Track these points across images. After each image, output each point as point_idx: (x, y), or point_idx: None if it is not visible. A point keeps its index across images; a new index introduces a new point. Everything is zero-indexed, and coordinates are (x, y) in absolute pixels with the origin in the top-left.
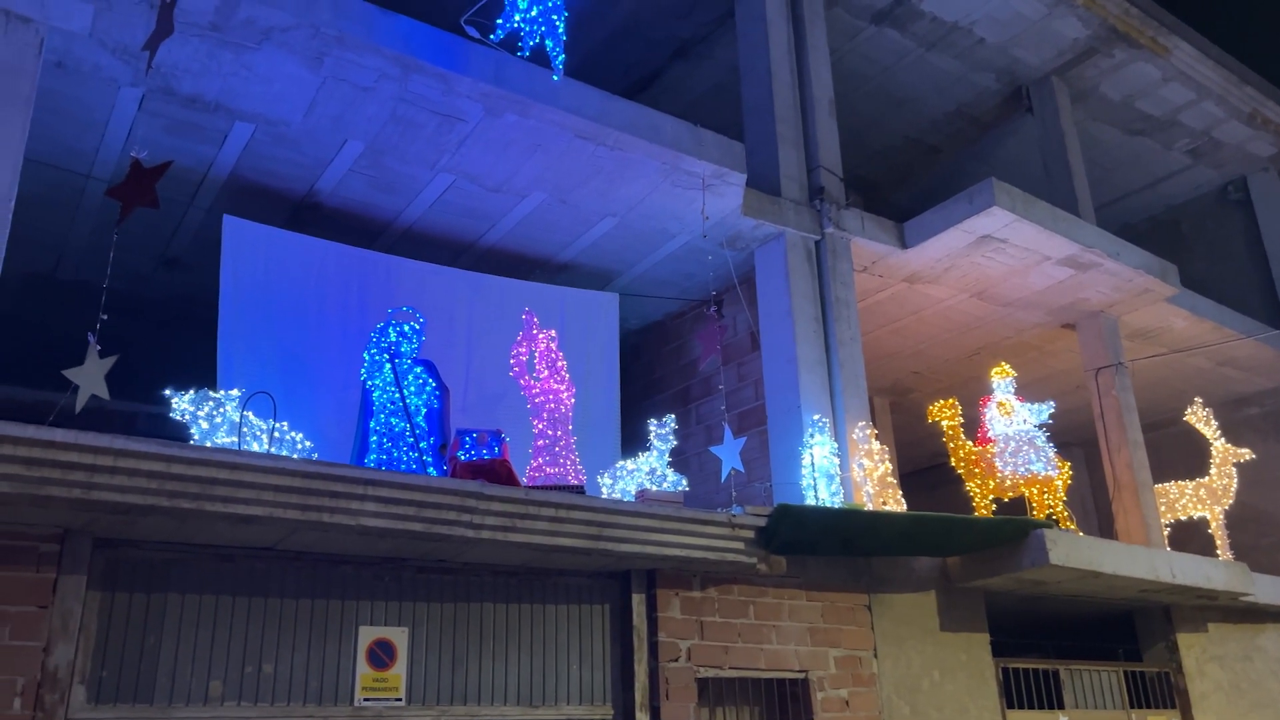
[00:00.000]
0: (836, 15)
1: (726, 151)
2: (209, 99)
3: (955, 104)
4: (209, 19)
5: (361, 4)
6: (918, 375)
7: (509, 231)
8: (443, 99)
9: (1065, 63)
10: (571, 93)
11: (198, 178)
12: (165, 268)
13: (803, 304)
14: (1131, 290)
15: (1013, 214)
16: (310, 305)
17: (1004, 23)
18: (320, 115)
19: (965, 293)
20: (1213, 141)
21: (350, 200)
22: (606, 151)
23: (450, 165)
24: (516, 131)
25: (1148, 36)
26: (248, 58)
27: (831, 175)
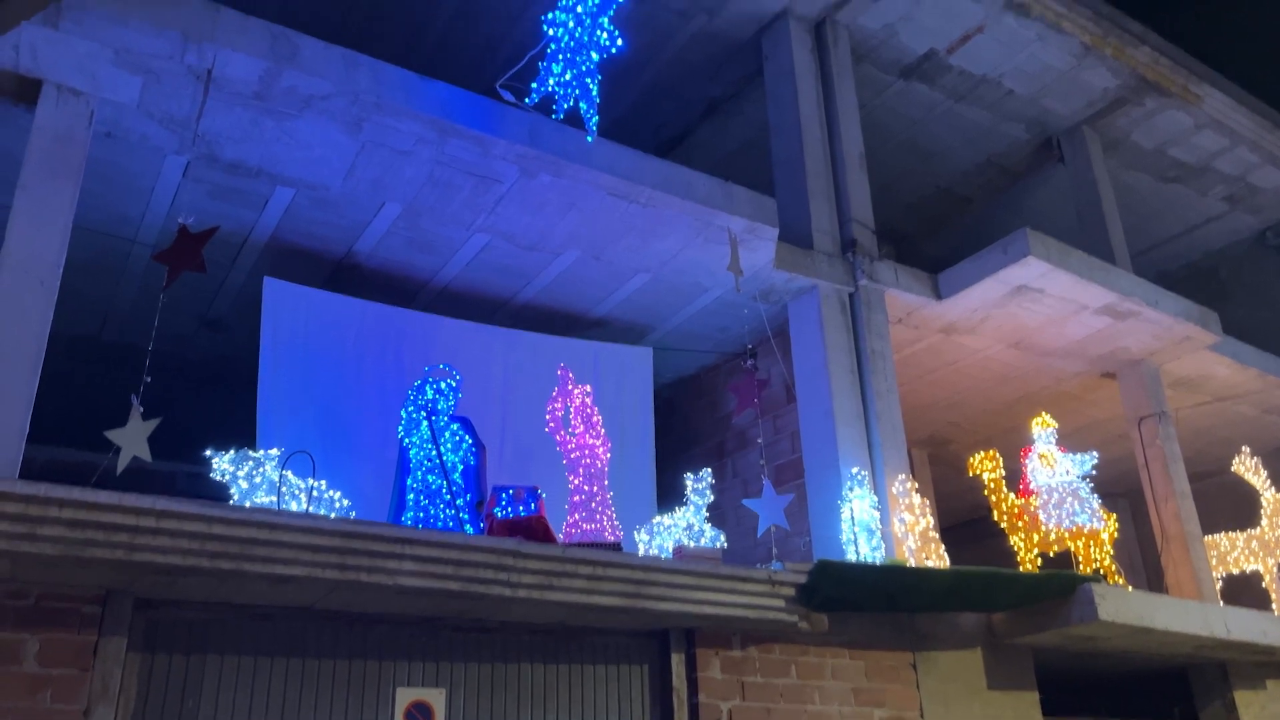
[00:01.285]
0: (864, 71)
1: (758, 206)
2: (251, 165)
3: (986, 155)
4: (253, 89)
5: (399, 71)
6: (956, 426)
7: (543, 288)
8: (479, 161)
9: (1096, 112)
10: (604, 152)
11: (239, 241)
12: (207, 328)
13: (838, 356)
14: (1172, 338)
15: (1048, 263)
16: (348, 364)
17: (1033, 75)
18: (359, 178)
19: (1002, 343)
20: (1249, 187)
21: (388, 260)
22: (639, 209)
23: (486, 225)
24: (551, 191)
25: (1178, 85)
26: (289, 125)
27: (863, 228)
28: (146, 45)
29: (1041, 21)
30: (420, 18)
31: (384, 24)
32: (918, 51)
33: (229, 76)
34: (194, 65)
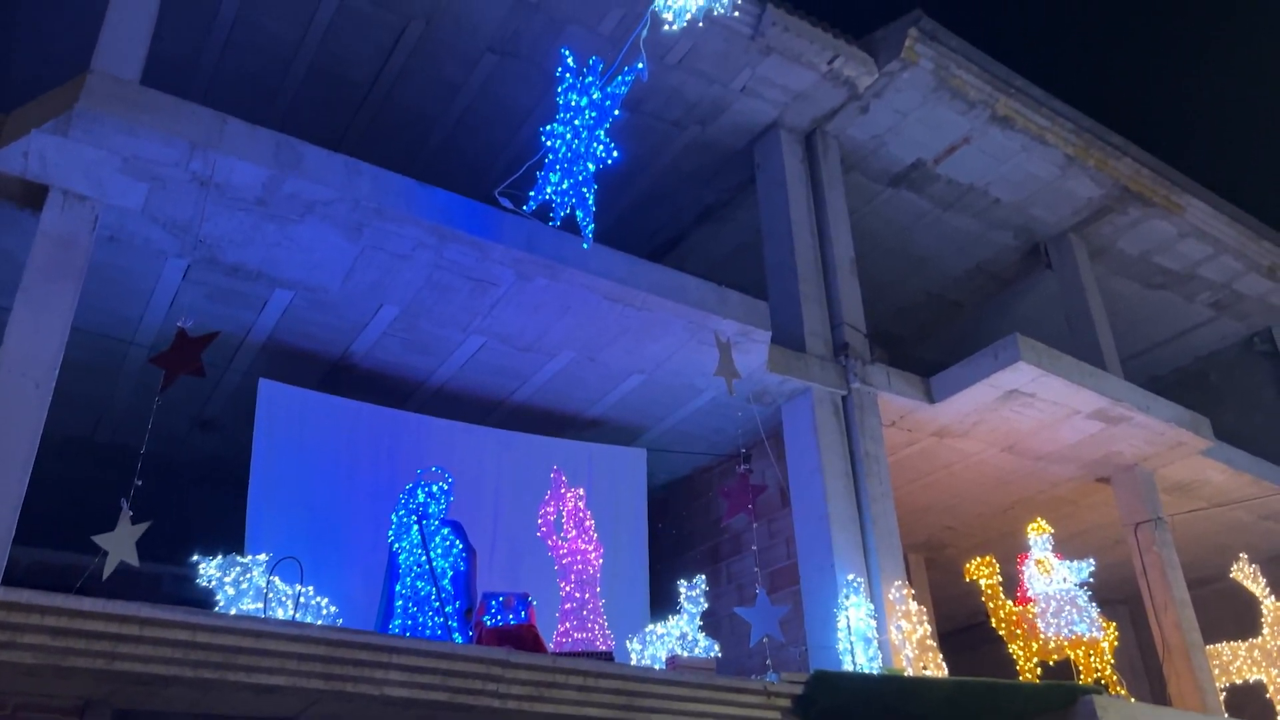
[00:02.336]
0: (854, 179)
1: (751, 310)
2: (252, 268)
3: (975, 261)
4: (256, 195)
5: (401, 179)
6: (952, 531)
7: (538, 389)
8: (477, 265)
9: (1081, 220)
10: (600, 257)
11: (236, 342)
12: (200, 429)
13: (832, 459)
14: (1164, 444)
15: (1039, 368)
16: (341, 466)
17: (1018, 184)
18: (358, 281)
19: (996, 447)
20: (1234, 294)
21: (384, 361)
22: (634, 312)
23: (482, 327)
24: (547, 295)
25: (1161, 195)
26: (291, 229)
27: (855, 331)
28: (154, 153)
29: (1026, 134)
30: (423, 125)
31: (387, 131)
32: (906, 161)
33: (233, 183)
34: (199, 172)
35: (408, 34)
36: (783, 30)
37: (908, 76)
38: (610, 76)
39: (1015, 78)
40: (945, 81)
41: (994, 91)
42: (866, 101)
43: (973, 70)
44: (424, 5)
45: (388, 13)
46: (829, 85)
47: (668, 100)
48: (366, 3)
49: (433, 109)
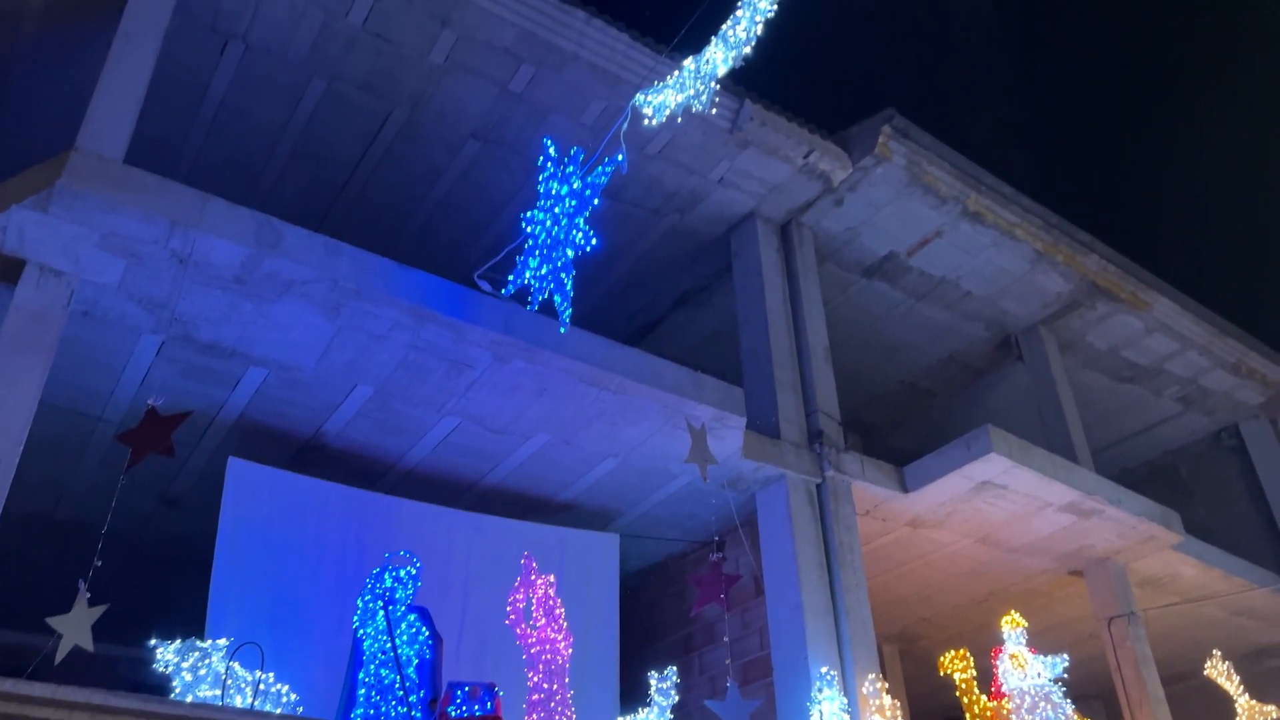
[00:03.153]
0: (828, 269)
1: (726, 396)
2: (226, 345)
3: (947, 351)
4: (234, 273)
5: (380, 260)
6: (926, 622)
7: (511, 471)
8: (453, 346)
9: (1051, 314)
10: (577, 341)
11: (207, 420)
12: (165, 507)
13: (806, 548)
14: (1136, 537)
15: (1010, 460)
16: (308, 548)
17: (989, 277)
18: (333, 361)
19: (969, 538)
20: (1201, 389)
21: (356, 442)
22: (610, 396)
23: (457, 408)
24: (523, 377)
25: (1127, 291)
26: (268, 308)
27: (830, 419)
28: (134, 230)
29: (996, 229)
30: (404, 207)
31: (369, 211)
32: (879, 253)
33: (212, 261)
34: (178, 250)
35: (392, 119)
36: (760, 125)
37: (881, 172)
38: (591, 166)
39: (985, 175)
40: (917, 177)
41: (965, 188)
42: (841, 195)
43: (944, 167)
44: (409, 93)
45: (373, 99)
46: (804, 178)
47: (647, 189)
48: (353, 89)
49: (415, 191)
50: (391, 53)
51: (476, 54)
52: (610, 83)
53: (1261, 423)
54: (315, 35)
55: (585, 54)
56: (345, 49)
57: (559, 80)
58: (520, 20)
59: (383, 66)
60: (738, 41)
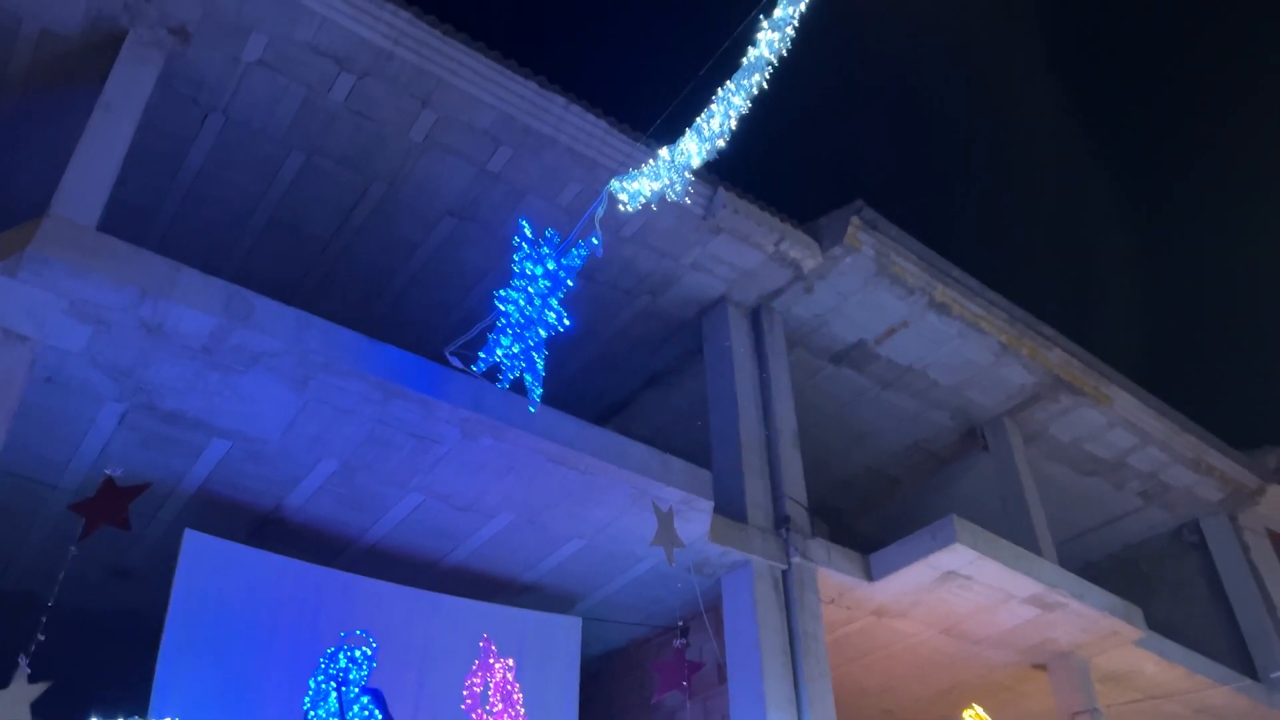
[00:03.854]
0: (798, 355)
1: (694, 479)
2: (190, 416)
3: (914, 439)
4: (202, 343)
5: (350, 334)
6: (890, 715)
7: (474, 550)
8: (421, 422)
9: (1015, 405)
10: (546, 419)
11: (166, 491)
12: (116, 579)
13: (770, 636)
14: (1099, 632)
15: (975, 551)
16: (261, 625)
17: (955, 368)
18: (298, 434)
19: (933, 628)
20: (1161, 484)
21: (317, 516)
22: (578, 476)
23: (422, 485)
24: (491, 455)
25: (1090, 386)
26: (234, 379)
27: (797, 505)
28: (103, 298)
29: (962, 321)
30: (378, 280)
31: (342, 283)
32: (848, 340)
33: (181, 331)
34: (147, 319)
35: (370, 194)
36: (733, 212)
37: (850, 261)
38: (565, 248)
39: (952, 268)
40: (885, 268)
41: (931, 280)
42: (811, 282)
43: (911, 259)
44: (388, 168)
45: (352, 173)
46: (775, 265)
47: (621, 270)
48: (331, 163)
49: (389, 265)
50: (371, 130)
51: (456, 134)
52: (587, 166)
53: (1221, 520)
54: (296, 110)
55: (564, 138)
56: (326, 125)
57: (537, 162)
58: (500, 104)
59: (362, 143)
60: (711, 135)
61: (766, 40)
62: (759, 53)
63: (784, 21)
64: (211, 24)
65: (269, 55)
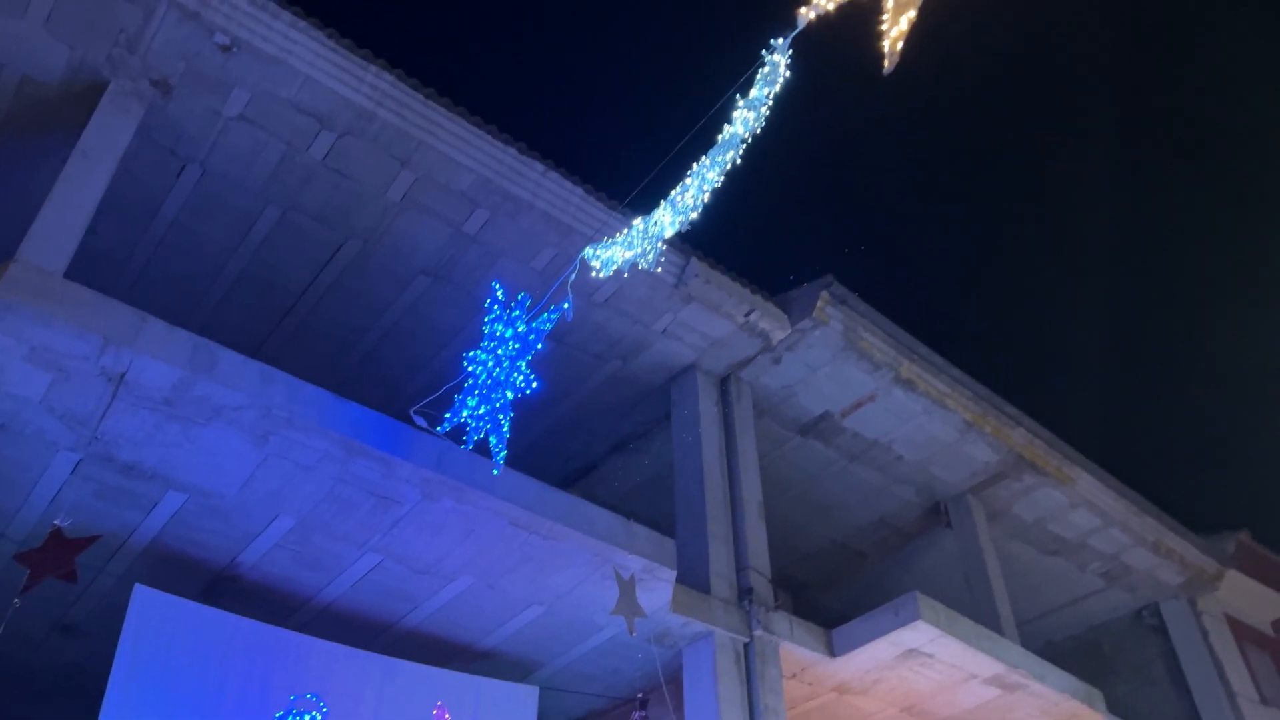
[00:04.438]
0: (765, 425)
1: (658, 547)
2: (147, 467)
3: (878, 514)
4: (164, 395)
5: (315, 390)
6: None
7: (431, 614)
8: (382, 481)
9: (979, 483)
10: (509, 482)
11: (117, 544)
12: (60, 634)
13: (731, 710)
14: (1059, 714)
15: (937, 629)
16: (209, 685)
17: (920, 443)
18: (256, 489)
19: (895, 706)
20: (1122, 566)
21: (271, 574)
22: (540, 540)
23: (380, 545)
24: (452, 516)
25: (1052, 466)
26: (195, 432)
27: (760, 576)
28: (64, 345)
29: (927, 397)
30: (347, 336)
31: (311, 338)
32: (815, 412)
33: (143, 381)
34: (108, 368)
35: (344, 251)
36: (704, 282)
37: (818, 335)
38: (537, 312)
39: (918, 345)
40: (853, 343)
41: (898, 356)
42: (779, 353)
43: (878, 335)
44: (364, 226)
45: (327, 230)
46: (745, 335)
47: (592, 334)
48: (307, 219)
49: (359, 322)
50: (349, 188)
51: (434, 195)
52: (563, 232)
53: (1181, 603)
54: (275, 166)
55: (541, 203)
56: (303, 181)
57: (513, 226)
58: (480, 167)
59: (339, 200)
60: (685, 208)
61: (742, 119)
62: (734, 130)
63: (759, 102)
64: (194, 78)
65: (250, 111)
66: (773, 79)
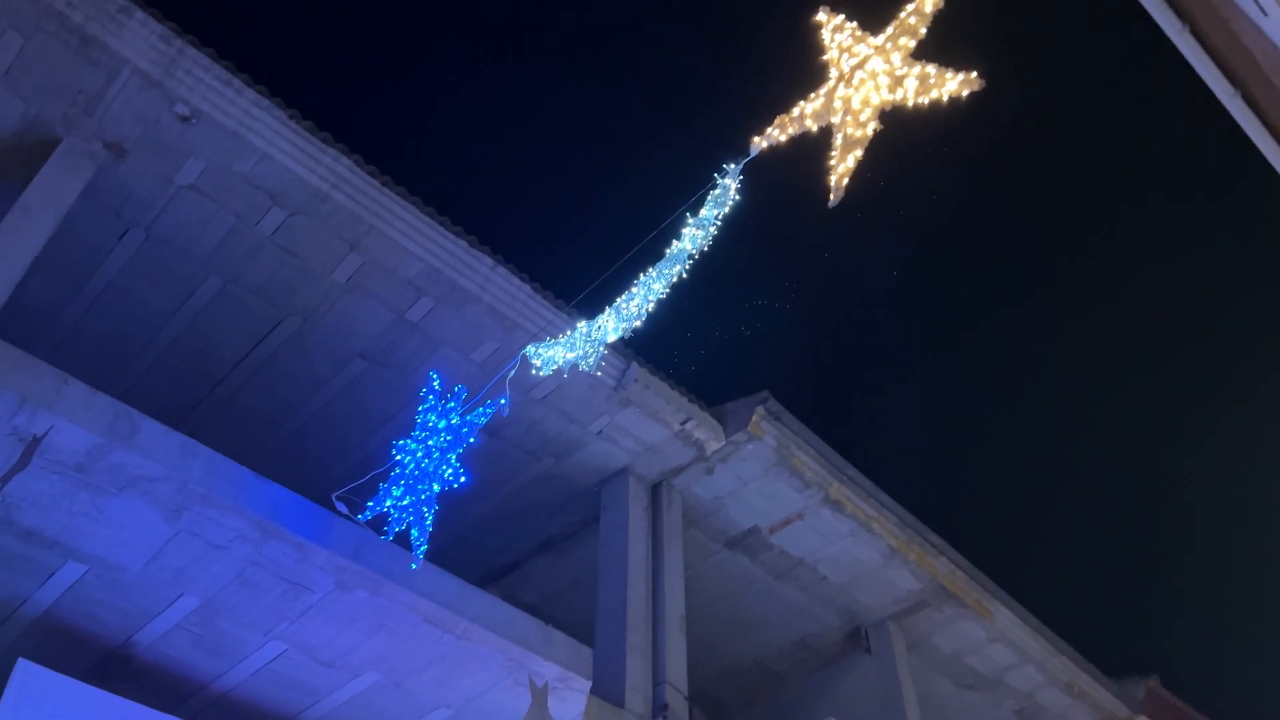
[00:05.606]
0: (693, 535)
1: (575, 656)
2: (48, 535)
3: (800, 634)
4: (77, 460)
5: (236, 467)
6: None
7: (333, 710)
8: (295, 567)
9: (901, 610)
10: (427, 577)
11: (6, 613)
12: None
13: None
14: None
15: None
16: None
17: (845, 565)
18: (163, 566)
19: None
20: (1036, 705)
21: (168, 656)
22: (453, 640)
23: (286, 633)
24: (364, 608)
25: (972, 598)
26: (104, 501)
27: (676, 693)
28: None
29: (854, 520)
30: (277, 413)
31: (240, 411)
32: (743, 526)
33: (56, 445)
34: (21, 428)
35: (283, 327)
36: (644, 387)
37: (751, 448)
38: (473, 405)
39: (849, 467)
40: (785, 459)
41: (828, 475)
42: (713, 464)
43: (810, 453)
44: (305, 305)
45: (268, 305)
46: (680, 443)
47: (526, 431)
48: (248, 292)
49: (291, 399)
50: (295, 265)
51: (380, 280)
52: (507, 327)
53: None
54: (222, 237)
55: (487, 297)
56: (249, 254)
57: (457, 317)
58: (429, 256)
59: (284, 277)
60: (629, 315)
61: (690, 235)
62: (682, 246)
63: (708, 221)
64: (150, 143)
65: (203, 181)
66: (723, 200)
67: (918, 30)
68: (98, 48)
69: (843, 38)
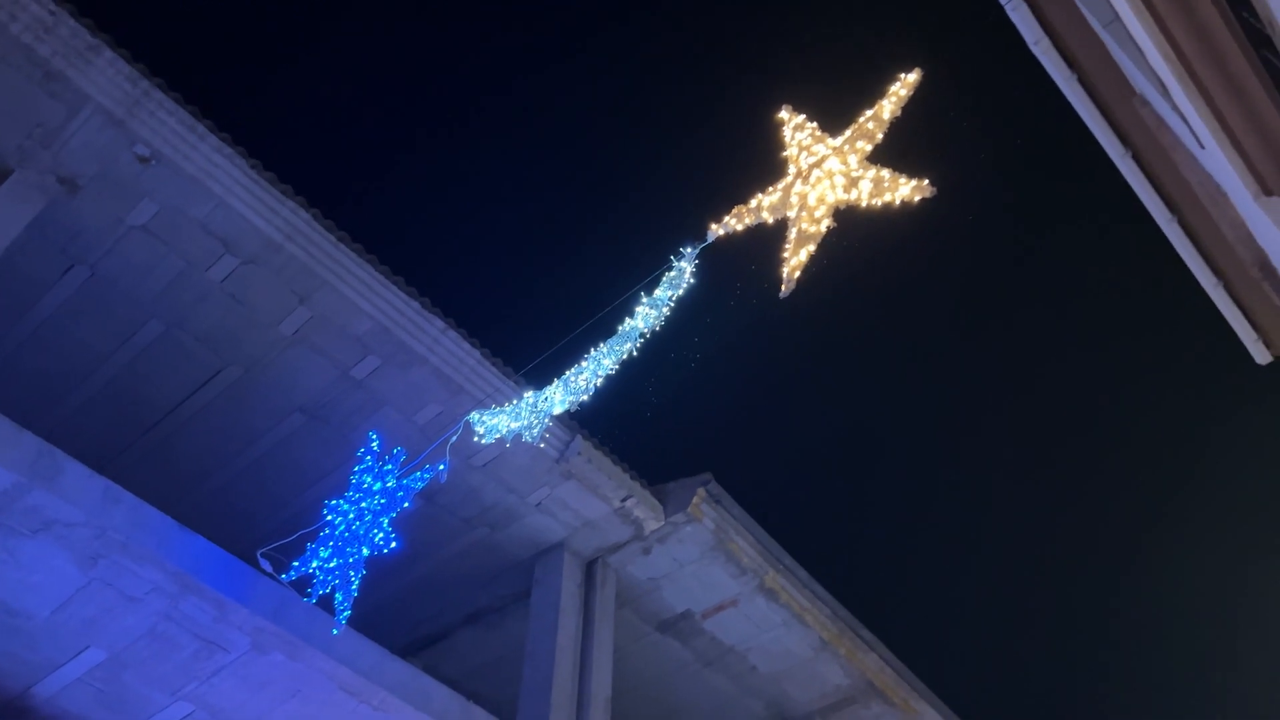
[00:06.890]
0: (625, 616)
1: None
2: None
3: None
4: None
5: (160, 516)
6: None
7: None
8: (211, 624)
9: (828, 705)
10: (348, 643)
11: None
12: None
13: None
14: None
15: None
16: None
17: (776, 655)
18: (71, 615)
19: None
20: None
21: (67, 711)
22: (369, 710)
23: (194, 694)
24: (279, 672)
25: (900, 697)
26: (15, 543)
27: None
28: None
29: (788, 610)
30: (208, 462)
31: (169, 457)
32: (676, 609)
33: None
34: None
35: (223, 375)
36: (586, 461)
37: (690, 530)
38: (411, 469)
39: (785, 555)
40: (723, 543)
41: (765, 563)
42: (650, 544)
43: (749, 539)
44: (249, 355)
45: (210, 353)
46: (619, 520)
47: (464, 498)
48: (190, 338)
49: (224, 450)
50: (242, 314)
51: (327, 335)
52: (452, 391)
53: None
54: (169, 281)
55: (434, 359)
56: (196, 300)
57: (402, 377)
58: (379, 315)
59: (229, 325)
60: (577, 389)
61: (643, 315)
62: (635, 324)
63: (661, 301)
64: (104, 182)
65: (155, 223)
66: (677, 283)
67: (875, 135)
68: (61, 83)
69: (803, 136)
